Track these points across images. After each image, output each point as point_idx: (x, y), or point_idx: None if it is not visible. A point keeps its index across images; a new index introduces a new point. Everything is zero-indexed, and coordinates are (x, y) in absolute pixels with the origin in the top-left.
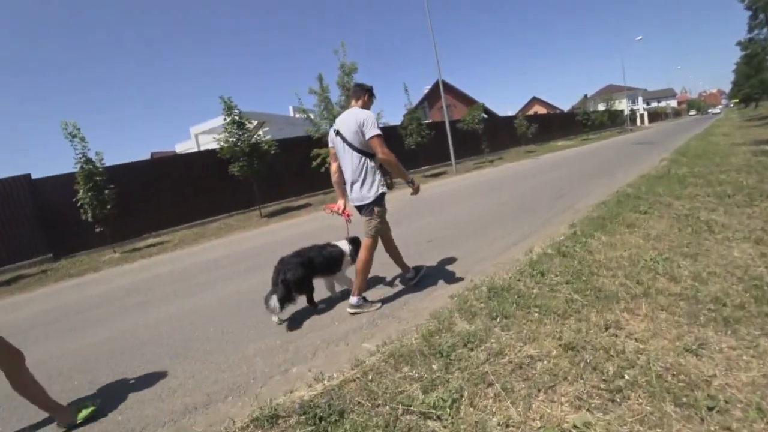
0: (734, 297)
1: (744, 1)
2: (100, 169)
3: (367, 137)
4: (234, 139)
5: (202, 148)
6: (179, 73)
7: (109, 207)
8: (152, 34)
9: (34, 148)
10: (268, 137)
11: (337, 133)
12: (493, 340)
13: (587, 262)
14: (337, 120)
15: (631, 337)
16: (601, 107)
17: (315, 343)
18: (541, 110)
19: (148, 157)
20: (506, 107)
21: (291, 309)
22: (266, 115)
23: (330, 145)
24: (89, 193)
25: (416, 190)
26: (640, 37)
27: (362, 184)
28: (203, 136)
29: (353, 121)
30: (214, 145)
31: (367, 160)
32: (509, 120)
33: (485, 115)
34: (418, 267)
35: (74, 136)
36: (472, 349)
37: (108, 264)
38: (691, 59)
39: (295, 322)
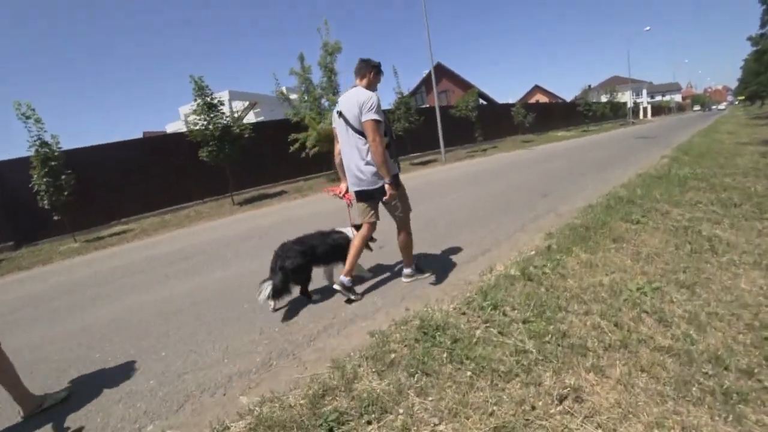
0: (740, 356)
1: None
2: (57, 153)
3: (363, 119)
4: (205, 122)
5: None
6: (171, 52)
7: (66, 194)
8: (144, 14)
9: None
10: (261, 119)
11: (340, 114)
12: (400, 411)
13: (556, 291)
14: (340, 100)
15: (591, 419)
16: (604, 98)
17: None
18: (543, 99)
19: (140, 136)
20: (508, 95)
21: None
22: (258, 96)
23: (333, 125)
24: (44, 179)
25: (390, 197)
26: (648, 28)
27: (366, 170)
28: (192, 116)
29: (355, 102)
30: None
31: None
32: (506, 108)
33: (484, 102)
34: (424, 268)
35: (28, 117)
36: (368, 423)
37: (63, 255)
38: (698, 54)
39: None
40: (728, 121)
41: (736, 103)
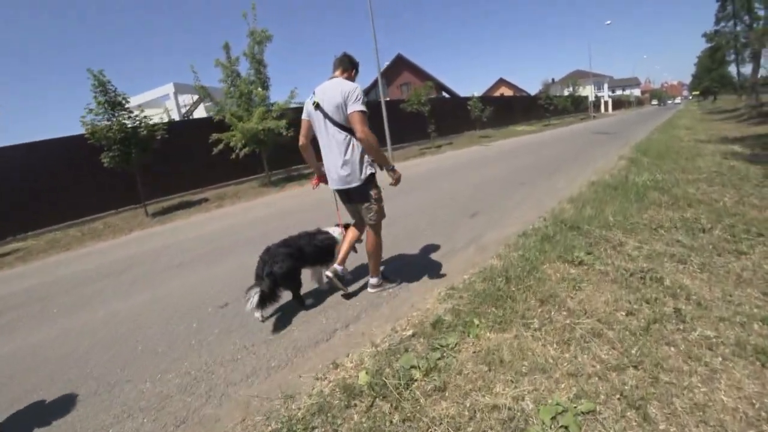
0: None
1: None
2: None
3: (348, 111)
4: (108, 123)
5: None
6: (118, 41)
7: None
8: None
9: None
10: (227, 111)
11: (317, 106)
12: None
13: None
14: (317, 90)
15: None
16: (566, 92)
17: None
18: (508, 92)
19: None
20: (473, 88)
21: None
22: (212, 89)
23: (304, 117)
24: None
25: (397, 180)
26: (609, 22)
27: (346, 166)
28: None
29: (338, 92)
30: (155, 120)
31: (352, 138)
32: (464, 101)
33: (447, 95)
34: (393, 278)
35: None
36: None
37: None
38: (656, 50)
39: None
40: (684, 116)
41: (690, 98)
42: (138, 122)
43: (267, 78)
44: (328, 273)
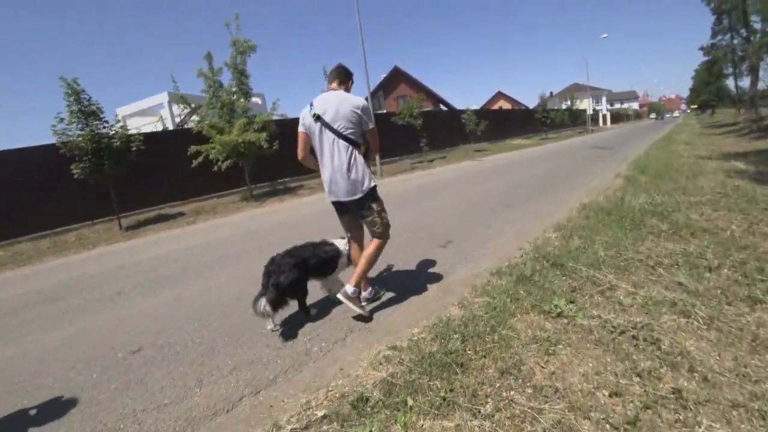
0: None
1: (711, 5)
2: None
3: (366, 128)
4: (81, 132)
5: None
6: (112, 49)
7: None
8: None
9: None
10: (206, 122)
11: (318, 118)
12: None
13: None
14: (316, 102)
15: None
16: (564, 106)
17: None
18: (506, 105)
19: None
20: (471, 101)
21: None
22: (201, 98)
23: (301, 129)
24: None
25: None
26: (605, 35)
27: (349, 178)
28: (133, 118)
29: (348, 106)
30: (149, 129)
31: (355, 150)
32: (458, 114)
33: (444, 108)
34: (378, 290)
35: None
36: None
37: None
38: (653, 63)
39: None
40: (683, 130)
41: (688, 111)
42: (113, 133)
43: (249, 89)
44: (339, 296)
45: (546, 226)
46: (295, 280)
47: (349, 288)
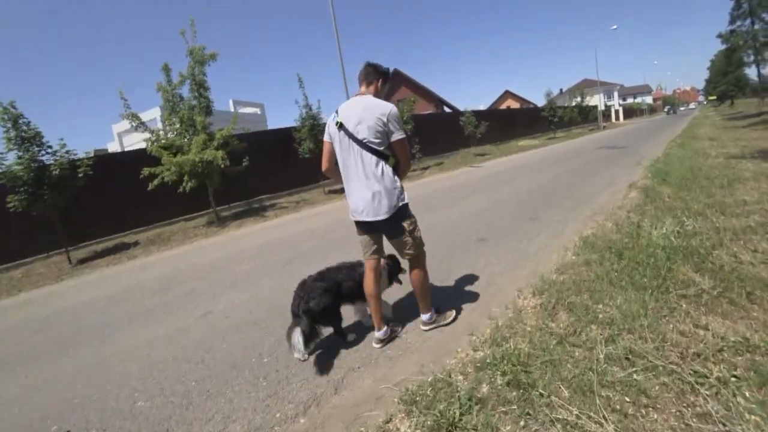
0: None
1: None
2: None
3: (393, 138)
4: (20, 160)
5: (128, 149)
6: (105, 66)
7: None
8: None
9: None
10: (157, 141)
11: (341, 126)
12: None
13: None
14: (340, 109)
15: None
16: (574, 102)
17: None
18: (514, 104)
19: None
20: (478, 101)
21: None
22: None
23: (326, 138)
24: None
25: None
26: (615, 27)
27: (376, 195)
28: (131, 135)
29: (373, 113)
30: (142, 145)
31: (383, 162)
32: (456, 117)
33: (449, 110)
34: (445, 312)
35: None
36: None
37: None
38: (667, 55)
39: None
40: (704, 123)
41: (705, 102)
42: (58, 158)
43: (210, 102)
44: (375, 344)
45: (525, 281)
46: (327, 306)
47: (425, 317)
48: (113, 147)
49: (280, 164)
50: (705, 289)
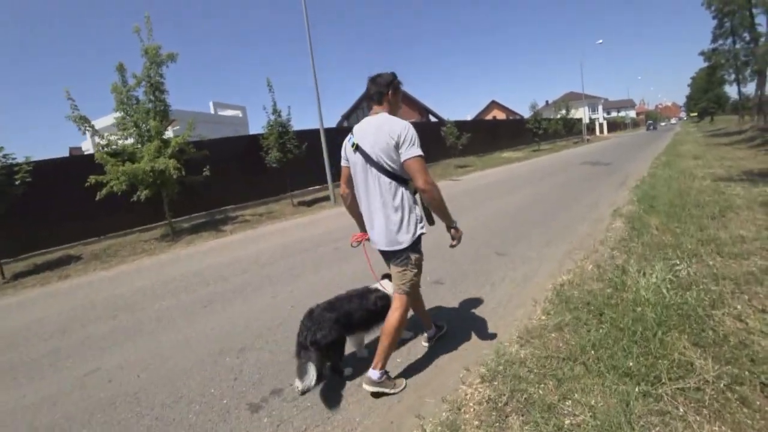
0: None
1: (711, 9)
2: None
3: (403, 158)
4: None
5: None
6: (82, 63)
7: None
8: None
9: None
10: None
11: (357, 148)
12: None
13: None
14: (355, 129)
15: None
16: (559, 115)
17: None
18: (501, 115)
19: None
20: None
21: None
22: (178, 112)
23: (343, 163)
24: None
25: (458, 241)
26: (600, 41)
27: (392, 222)
28: (113, 130)
29: (385, 133)
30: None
31: (402, 188)
32: (437, 127)
33: (435, 119)
34: (440, 324)
35: None
36: None
37: None
38: (649, 71)
39: None
40: (686, 140)
41: (686, 118)
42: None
43: (167, 106)
44: (366, 386)
45: (477, 351)
46: (335, 341)
47: (374, 373)
48: (87, 145)
49: (247, 173)
50: (708, 380)
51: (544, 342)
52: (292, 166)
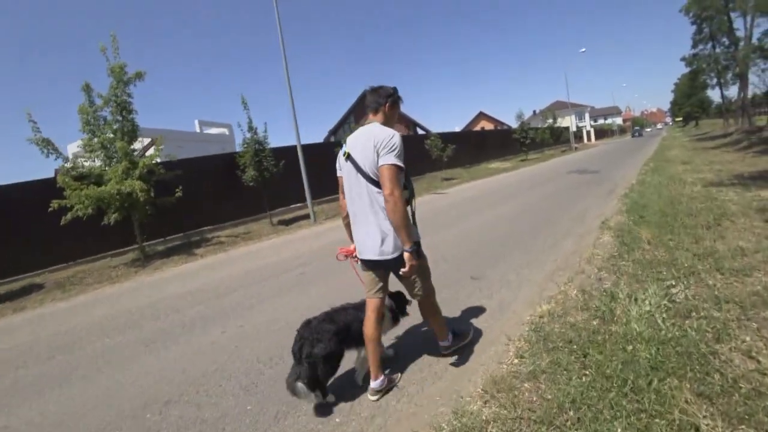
0: None
1: (689, 16)
2: None
3: (380, 163)
4: None
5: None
6: (63, 79)
7: None
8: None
9: None
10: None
11: (348, 156)
12: None
13: None
14: (349, 139)
15: None
16: (546, 124)
17: None
18: (489, 126)
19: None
20: (453, 123)
21: None
22: (163, 132)
23: (339, 173)
24: None
25: (409, 270)
26: (583, 50)
27: (382, 232)
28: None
29: (370, 141)
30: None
31: None
32: (421, 139)
33: (423, 132)
34: (459, 332)
35: None
36: None
37: None
38: (634, 78)
39: None
40: (673, 145)
41: (671, 123)
42: None
43: (135, 126)
44: (370, 396)
45: (432, 409)
46: (332, 354)
47: (376, 383)
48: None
49: (225, 193)
50: None
51: (513, 397)
52: (273, 184)
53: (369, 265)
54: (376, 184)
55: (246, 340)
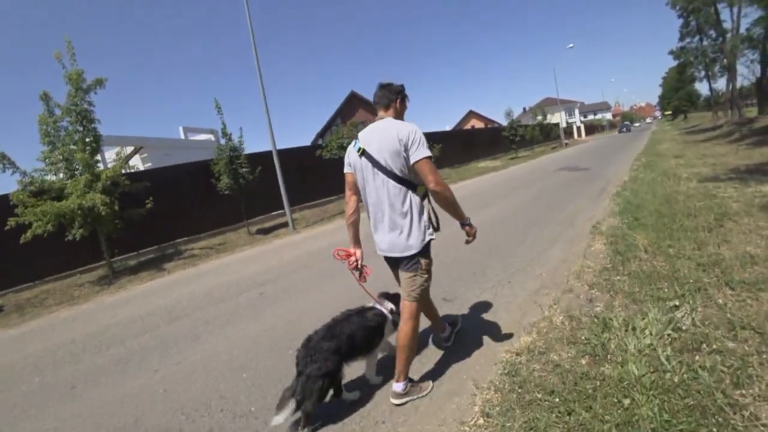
0: None
1: (676, 9)
2: None
3: (413, 160)
4: None
5: None
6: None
7: None
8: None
9: None
10: (149, 165)
11: (362, 152)
12: None
13: None
14: (361, 135)
15: None
16: (537, 120)
17: None
18: (479, 124)
19: None
20: (443, 122)
21: None
22: (144, 140)
23: (347, 169)
24: None
25: (473, 236)
26: (571, 45)
27: (401, 228)
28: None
29: (392, 136)
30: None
31: (410, 192)
32: None
33: None
34: (452, 320)
35: None
36: None
37: None
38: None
39: None
40: (664, 138)
41: (660, 117)
42: None
43: (98, 135)
44: (393, 400)
45: None
46: (332, 371)
47: (398, 386)
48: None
49: (200, 202)
50: None
51: None
52: (251, 192)
53: (389, 261)
54: (397, 179)
55: (177, 383)
